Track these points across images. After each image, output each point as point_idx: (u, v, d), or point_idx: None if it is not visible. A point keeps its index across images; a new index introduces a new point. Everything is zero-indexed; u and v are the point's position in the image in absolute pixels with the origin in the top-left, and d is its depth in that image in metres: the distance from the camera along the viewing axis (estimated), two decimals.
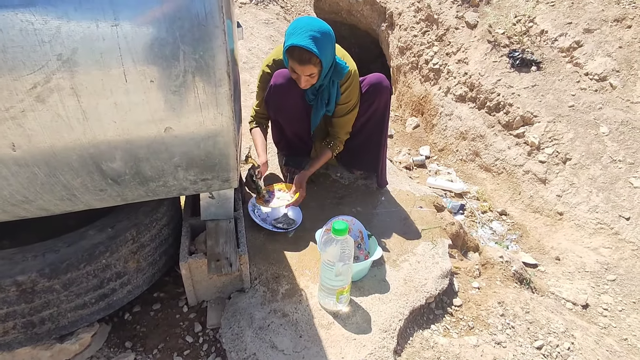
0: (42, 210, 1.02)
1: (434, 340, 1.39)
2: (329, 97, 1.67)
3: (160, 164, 0.98)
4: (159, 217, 1.32)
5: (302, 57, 1.44)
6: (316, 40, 1.42)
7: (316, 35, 1.42)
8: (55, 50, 0.73)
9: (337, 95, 1.67)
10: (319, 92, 1.68)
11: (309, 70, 1.48)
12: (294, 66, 1.50)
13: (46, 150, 0.84)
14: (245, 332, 1.28)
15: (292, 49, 1.44)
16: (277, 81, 1.64)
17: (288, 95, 1.66)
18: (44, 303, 1.08)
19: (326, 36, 1.45)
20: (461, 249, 2.00)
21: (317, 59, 1.45)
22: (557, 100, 2.71)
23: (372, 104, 1.75)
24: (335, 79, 1.62)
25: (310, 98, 1.72)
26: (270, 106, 1.75)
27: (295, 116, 1.78)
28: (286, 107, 1.73)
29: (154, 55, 0.80)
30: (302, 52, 1.43)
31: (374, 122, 1.81)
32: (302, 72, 1.50)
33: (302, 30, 1.42)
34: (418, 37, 3.73)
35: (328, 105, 1.70)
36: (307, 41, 1.41)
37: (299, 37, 1.42)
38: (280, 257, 1.57)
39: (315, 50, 1.42)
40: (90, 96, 0.80)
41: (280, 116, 1.79)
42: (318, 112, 1.74)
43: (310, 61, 1.45)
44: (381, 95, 1.73)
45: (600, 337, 1.55)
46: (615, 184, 2.30)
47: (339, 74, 1.60)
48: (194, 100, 0.87)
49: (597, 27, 2.83)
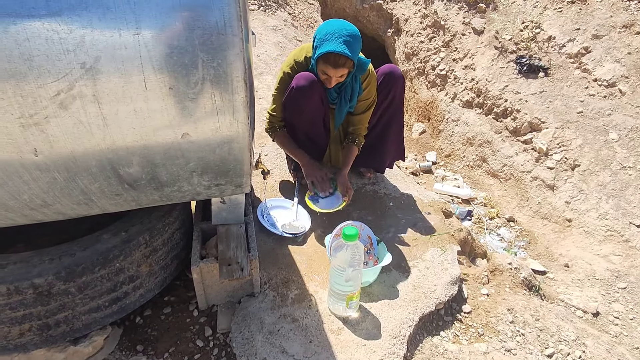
0: (59, 214, 1.04)
1: (443, 347, 1.38)
2: (351, 92, 1.71)
3: (176, 170, 0.99)
4: (172, 221, 1.34)
5: (337, 62, 1.52)
6: (349, 44, 1.49)
7: (349, 40, 1.50)
8: (79, 59, 0.75)
9: (359, 90, 1.71)
10: (342, 89, 1.72)
11: (342, 72, 1.56)
12: (326, 69, 1.56)
13: (67, 155, 0.86)
14: (255, 337, 1.29)
15: (328, 55, 1.51)
16: (299, 83, 1.67)
17: (309, 97, 1.69)
18: (59, 306, 1.09)
19: (357, 39, 1.53)
20: (469, 255, 2.00)
21: (351, 61, 1.53)
22: (565, 107, 2.70)
23: (389, 93, 1.81)
24: (357, 74, 1.68)
25: (334, 96, 1.77)
26: (288, 108, 1.77)
27: (314, 118, 1.81)
28: (306, 110, 1.76)
29: (174, 63, 0.81)
30: (338, 58, 1.50)
31: (392, 111, 1.88)
32: (335, 75, 1.57)
33: (337, 36, 1.49)
34: (424, 43, 3.74)
35: (351, 101, 1.74)
36: (342, 47, 1.48)
37: (334, 44, 1.49)
38: (289, 262, 1.58)
39: (350, 55, 1.49)
40: (111, 103, 0.82)
41: (298, 119, 1.81)
42: (342, 109, 1.78)
43: (345, 65, 1.53)
44: (396, 83, 1.80)
45: (611, 346, 1.54)
46: (625, 190, 2.29)
47: (361, 68, 1.65)
48: (211, 107, 0.89)
49: (606, 33, 2.83)
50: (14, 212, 0.96)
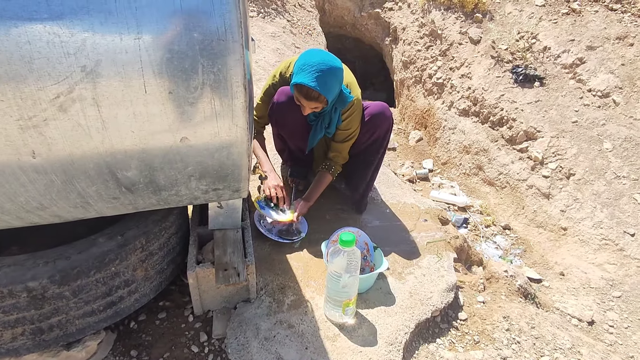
0: (55, 217, 1.03)
1: (439, 354, 1.38)
2: (329, 121, 1.69)
3: (174, 174, 0.99)
4: (168, 225, 1.33)
5: (308, 95, 1.47)
6: (323, 80, 1.43)
7: (324, 76, 1.43)
8: (80, 62, 0.76)
9: (338, 120, 1.69)
10: (320, 115, 1.70)
11: (314, 105, 1.51)
12: (299, 99, 1.53)
13: (65, 158, 0.86)
14: (251, 343, 1.28)
15: (300, 87, 1.47)
16: (280, 99, 1.67)
17: (290, 113, 1.69)
18: (53, 310, 1.08)
19: (334, 75, 1.46)
20: (465, 262, 2.00)
21: (324, 97, 1.47)
22: (560, 116, 2.73)
23: (374, 134, 1.77)
24: (338, 107, 1.63)
25: (311, 119, 1.74)
26: (272, 120, 1.80)
27: (296, 132, 1.81)
28: (287, 124, 1.77)
29: (174, 68, 0.82)
30: (310, 91, 1.45)
31: (372, 150, 1.82)
32: (308, 105, 1.53)
33: (312, 69, 1.43)
34: (422, 52, 3.78)
35: (328, 128, 1.71)
36: (314, 83, 1.42)
37: (308, 76, 1.43)
38: (286, 267, 1.58)
39: (322, 92, 1.44)
40: (111, 106, 0.82)
41: (283, 131, 1.84)
42: (316, 134, 1.74)
43: (317, 99, 1.48)
44: (382, 124, 1.75)
45: (606, 355, 1.54)
46: (619, 199, 2.31)
47: (343, 102, 1.60)
48: (211, 112, 0.89)
49: (600, 44, 2.87)
50: (9, 214, 0.95)
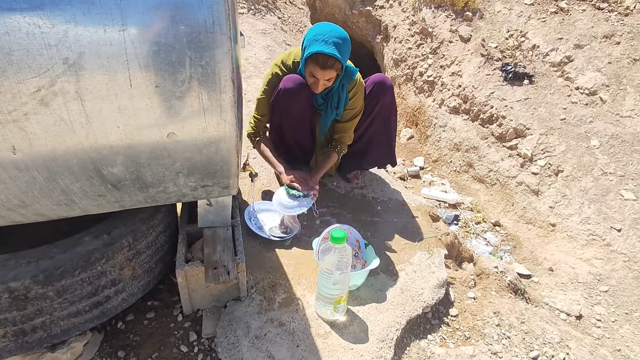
0: (38, 215, 1.01)
1: (430, 351, 1.38)
2: (338, 100, 1.70)
3: (161, 170, 0.97)
4: (156, 224, 1.31)
5: (326, 63, 1.50)
6: (339, 46, 1.48)
7: (339, 42, 1.49)
8: (62, 54, 0.73)
9: (345, 99, 1.70)
10: (328, 96, 1.71)
11: (330, 74, 1.54)
12: (314, 71, 1.54)
13: (47, 154, 0.83)
14: (241, 342, 1.27)
15: (317, 56, 1.50)
16: (287, 85, 1.65)
17: (296, 99, 1.68)
18: (36, 310, 1.05)
19: (346, 42, 1.52)
20: (456, 259, 2.01)
21: (340, 64, 1.52)
22: (549, 114, 2.76)
23: (377, 104, 1.79)
24: (345, 82, 1.67)
25: (320, 102, 1.74)
26: (276, 110, 1.75)
27: (300, 122, 1.79)
28: (293, 112, 1.74)
29: (160, 61, 0.80)
30: (326, 59, 1.49)
31: (379, 122, 1.84)
32: (323, 77, 1.54)
33: (326, 37, 1.48)
34: (413, 50, 3.79)
35: (337, 108, 1.72)
36: (331, 48, 1.47)
37: (324, 45, 1.47)
38: (276, 265, 1.56)
39: (339, 56, 1.48)
40: (95, 100, 0.80)
41: (285, 121, 1.80)
42: (328, 117, 1.76)
43: (333, 66, 1.51)
44: (385, 94, 1.77)
45: (594, 348, 1.56)
46: (606, 195, 2.35)
47: (349, 77, 1.64)
48: (198, 106, 0.87)
49: (587, 43, 2.91)
50: None
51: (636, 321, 1.85)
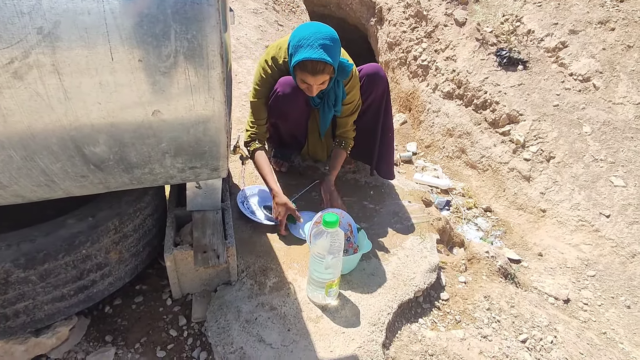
0: (17, 196, 0.96)
1: (421, 334, 1.39)
2: (335, 97, 1.63)
3: (146, 150, 0.93)
4: (143, 206, 1.27)
5: (315, 69, 1.39)
6: (327, 48, 1.37)
7: (326, 43, 1.37)
8: (36, 23, 0.68)
9: (342, 94, 1.63)
10: (325, 95, 1.64)
11: (322, 79, 1.44)
12: (305, 78, 1.44)
13: (23, 131, 0.78)
14: (232, 326, 1.25)
15: (305, 63, 1.38)
16: (285, 90, 1.57)
17: (293, 103, 1.61)
18: (18, 295, 1.02)
19: (335, 42, 1.41)
20: (447, 244, 2.02)
21: (331, 67, 1.41)
22: (542, 100, 2.75)
23: (370, 96, 1.73)
24: (340, 78, 1.57)
25: (317, 102, 1.68)
26: (273, 112, 1.67)
27: (297, 122, 1.76)
28: (290, 117, 1.70)
29: (143, 33, 0.75)
30: (315, 64, 1.38)
31: (370, 114, 1.79)
32: (315, 82, 1.44)
33: (312, 41, 1.36)
34: (407, 33, 3.72)
35: (335, 106, 1.65)
36: (319, 52, 1.35)
37: (311, 50, 1.36)
38: (267, 249, 1.54)
39: (329, 60, 1.37)
40: (73, 74, 0.75)
41: (282, 122, 1.77)
42: (326, 115, 1.68)
43: (324, 71, 1.41)
44: (378, 86, 1.71)
45: (581, 331, 1.59)
46: (596, 182, 2.36)
47: (344, 73, 1.53)
48: (185, 83, 0.83)
49: (582, 28, 2.88)
50: None
51: (622, 305, 1.88)
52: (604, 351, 1.54)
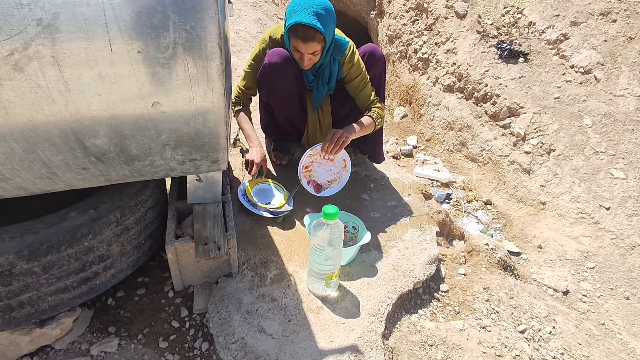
0: (19, 189, 0.97)
1: (421, 325, 1.40)
2: (330, 74, 1.65)
3: (146, 142, 0.94)
4: (144, 199, 1.28)
5: (306, 35, 1.42)
6: (320, 16, 1.41)
7: (319, 12, 1.41)
8: (35, 15, 0.68)
9: (338, 72, 1.64)
10: (319, 71, 1.65)
11: (313, 47, 1.46)
12: (296, 45, 1.47)
13: (25, 123, 0.79)
14: (233, 317, 1.27)
15: (296, 27, 1.42)
16: (272, 59, 1.58)
17: (283, 75, 1.61)
18: (22, 286, 1.03)
19: (329, 12, 1.45)
20: (447, 237, 2.03)
21: (322, 35, 1.44)
22: (543, 92, 2.74)
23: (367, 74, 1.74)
24: (336, 55, 1.60)
25: (311, 79, 1.69)
26: (263, 87, 1.70)
27: (289, 99, 1.73)
28: (280, 89, 1.68)
29: (142, 24, 0.75)
30: (306, 30, 1.41)
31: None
32: (306, 50, 1.47)
33: (305, 7, 1.40)
34: (407, 26, 3.70)
35: (329, 83, 1.67)
36: (310, 18, 1.39)
37: (303, 15, 1.40)
38: (268, 242, 1.55)
39: (320, 27, 1.40)
40: (73, 66, 0.75)
41: (273, 99, 1.75)
42: (320, 92, 1.70)
43: (314, 38, 1.44)
44: (376, 65, 1.72)
45: (579, 322, 1.60)
46: (596, 174, 2.36)
47: (340, 50, 1.57)
48: (184, 75, 0.83)
49: (584, 20, 2.87)
50: None
51: (620, 296, 1.89)
52: (602, 341, 1.55)
